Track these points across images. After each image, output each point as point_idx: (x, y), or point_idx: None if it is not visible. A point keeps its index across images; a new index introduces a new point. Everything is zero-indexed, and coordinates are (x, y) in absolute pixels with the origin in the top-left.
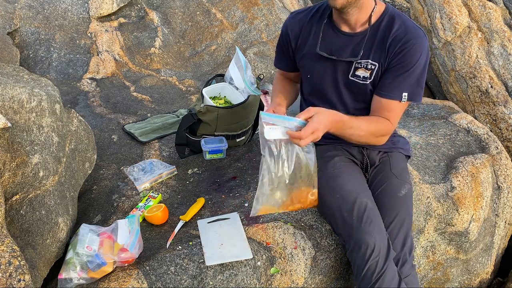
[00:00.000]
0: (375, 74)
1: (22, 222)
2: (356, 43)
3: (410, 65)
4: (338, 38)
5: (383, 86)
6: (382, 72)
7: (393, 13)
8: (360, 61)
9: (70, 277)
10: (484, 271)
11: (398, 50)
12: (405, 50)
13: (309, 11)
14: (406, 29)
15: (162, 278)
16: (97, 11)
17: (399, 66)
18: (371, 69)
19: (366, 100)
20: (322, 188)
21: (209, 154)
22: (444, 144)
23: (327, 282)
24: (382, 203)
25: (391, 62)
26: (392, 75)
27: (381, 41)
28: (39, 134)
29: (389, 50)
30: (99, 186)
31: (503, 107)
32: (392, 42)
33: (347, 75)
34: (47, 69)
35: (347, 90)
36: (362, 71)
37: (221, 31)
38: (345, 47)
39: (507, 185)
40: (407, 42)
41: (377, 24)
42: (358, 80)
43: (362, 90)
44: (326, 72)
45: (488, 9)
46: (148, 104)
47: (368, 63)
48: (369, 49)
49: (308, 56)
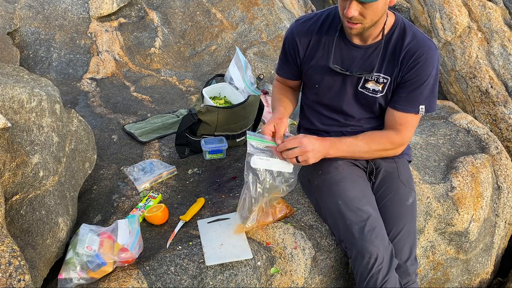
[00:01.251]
0: (387, 88)
1: (22, 222)
2: (369, 55)
3: (424, 79)
4: (350, 51)
5: (399, 100)
6: (395, 85)
7: (403, 24)
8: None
9: (70, 277)
10: (484, 271)
11: (412, 64)
12: (419, 64)
13: (317, 19)
14: (418, 42)
15: (162, 278)
16: (97, 11)
17: (414, 81)
18: (383, 82)
19: (374, 110)
20: (324, 192)
21: (209, 154)
22: (444, 144)
23: (327, 282)
24: (389, 211)
25: (404, 76)
26: (407, 89)
27: (393, 54)
28: (39, 134)
29: (402, 64)
30: (99, 186)
31: (503, 107)
32: (406, 55)
33: (356, 87)
34: (47, 69)
35: (354, 100)
36: (372, 84)
37: (221, 31)
38: (357, 60)
39: (507, 185)
40: (420, 56)
41: (388, 36)
42: (367, 93)
43: (370, 102)
44: (335, 84)
45: (488, 9)
46: (148, 104)
47: (380, 77)
48: (381, 62)
49: (317, 68)
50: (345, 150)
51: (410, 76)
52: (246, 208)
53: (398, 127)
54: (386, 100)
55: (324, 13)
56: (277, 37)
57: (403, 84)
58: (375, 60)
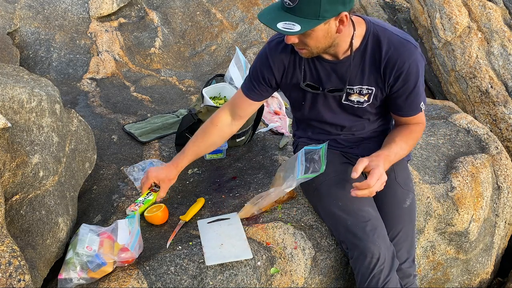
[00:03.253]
0: (373, 97)
1: (22, 222)
2: (343, 70)
3: (413, 83)
4: (323, 67)
5: (401, 108)
6: (384, 94)
7: (376, 32)
8: (352, 87)
9: (70, 277)
10: (484, 271)
11: (396, 74)
12: (403, 73)
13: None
14: (396, 49)
15: (162, 278)
16: (97, 11)
17: (405, 88)
18: (368, 93)
19: (363, 117)
20: (323, 194)
21: (209, 154)
22: (444, 144)
23: (327, 282)
24: (387, 214)
25: (393, 87)
26: (402, 98)
27: (373, 65)
28: (39, 134)
29: (385, 75)
30: (99, 186)
31: (503, 107)
32: (387, 66)
33: (340, 100)
34: (47, 69)
35: (341, 112)
36: (355, 96)
37: (221, 31)
38: (331, 76)
39: (507, 185)
40: (402, 65)
41: (362, 48)
42: (352, 104)
43: (358, 111)
44: (318, 100)
45: (488, 9)
46: (148, 104)
47: (363, 89)
48: (360, 74)
49: (295, 88)
50: (394, 160)
51: (398, 86)
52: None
53: (412, 123)
54: (374, 106)
55: None
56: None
57: (395, 94)
58: (346, 75)
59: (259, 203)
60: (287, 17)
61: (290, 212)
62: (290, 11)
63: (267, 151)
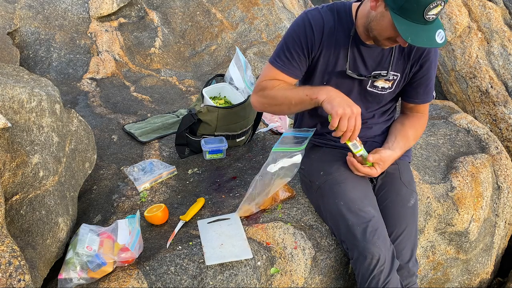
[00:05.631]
0: (396, 84)
1: (22, 222)
2: (382, 55)
3: (433, 72)
4: (364, 52)
5: (418, 95)
6: (404, 81)
7: None
8: (386, 72)
9: (70, 277)
10: (484, 271)
11: (422, 61)
12: (429, 60)
13: (331, 13)
14: None
15: (162, 278)
16: (97, 11)
17: (427, 76)
18: (393, 79)
19: (378, 107)
20: (325, 193)
21: (209, 154)
22: (444, 144)
23: (327, 282)
24: (391, 213)
25: (417, 73)
26: (423, 85)
27: (403, 51)
28: (39, 134)
29: (412, 60)
30: (99, 186)
31: (503, 107)
32: (417, 52)
33: (365, 86)
34: (47, 69)
35: (360, 99)
36: (382, 82)
37: (221, 31)
38: (371, 61)
39: (507, 185)
40: (430, 52)
41: None
42: (375, 90)
43: (377, 98)
44: (343, 84)
45: (488, 9)
46: (148, 104)
47: (390, 74)
48: (391, 60)
49: (327, 70)
50: (398, 157)
51: (422, 73)
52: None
53: (420, 113)
54: (393, 94)
55: (338, 10)
56: (277, 37)
57: (418, 81)
58: (389, 59)
59: (256, 199)
60: (433, 29)
61: (290, 212)
62: (433, 22)
63: (267, 151)
